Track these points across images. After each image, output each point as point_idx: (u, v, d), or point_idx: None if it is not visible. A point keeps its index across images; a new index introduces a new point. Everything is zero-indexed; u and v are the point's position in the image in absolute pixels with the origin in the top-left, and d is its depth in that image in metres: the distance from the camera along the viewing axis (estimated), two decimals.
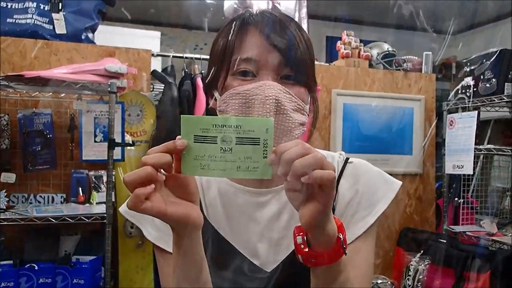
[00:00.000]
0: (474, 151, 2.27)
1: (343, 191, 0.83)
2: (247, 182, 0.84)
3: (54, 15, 2.20)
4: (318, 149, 0.90)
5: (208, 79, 0.82)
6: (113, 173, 2.04)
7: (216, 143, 0.60)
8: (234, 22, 0.80)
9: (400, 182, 0.85)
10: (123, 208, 0.84)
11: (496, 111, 2.45)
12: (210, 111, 0.84)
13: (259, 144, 0.60)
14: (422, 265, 2.20)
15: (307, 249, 0.65)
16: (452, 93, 2.46)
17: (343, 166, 0.86)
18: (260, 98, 0.73)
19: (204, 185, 0.86)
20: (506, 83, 2.18)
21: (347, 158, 0.87)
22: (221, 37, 0.81)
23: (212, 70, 0.81)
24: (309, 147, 0.59)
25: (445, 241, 2.25)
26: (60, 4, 2.20)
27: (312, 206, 0.60)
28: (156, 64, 2.62)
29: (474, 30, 4.15)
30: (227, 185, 0.85)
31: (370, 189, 0.83)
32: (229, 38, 0.78)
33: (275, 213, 0.82)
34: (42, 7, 2.19)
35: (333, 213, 0.81)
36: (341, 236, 0.65)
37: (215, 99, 0.81)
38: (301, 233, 0.66)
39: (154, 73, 2.40)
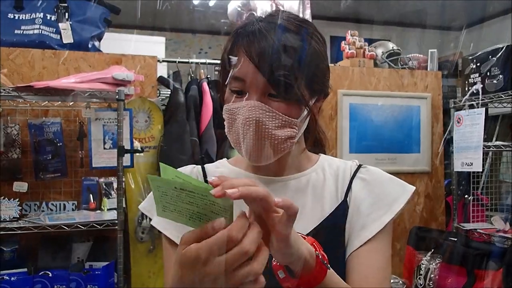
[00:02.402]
0: (483, 148, 2.26)
1: (356, 192, 0.86)
2: (261, 172, 0.87)
3: (61, 25, 2.22)
4: (329, 152, 0.92)
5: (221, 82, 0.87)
6: (123, 179, 2.05)
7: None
8: (233, 35, 0.82)
9: (414, 187, 0.87)
10: (142, 205, 0.91)
11: (504, 107, 2.44)
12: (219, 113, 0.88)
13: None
14: (433, 264, 2.20)
15: (291, 279, 0.64)
16: (464, 98, 2.44)
17: (356, 169, 0.89)
18: (242, 119, 0.78)
19: (218, 175, 0.88)
20: None
21: (361, 164, 0.91)
22: (225, 47, 0.84)
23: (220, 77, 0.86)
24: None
25: (455, 239, 2.24)
26: (67, 13, 2.23)
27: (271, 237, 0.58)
28: (162, 70, 2.65)
29: (476, 26, 4.14)
30: (243, 175, 0.88)
31: (385, 191, 0.85)
32: (228, 52, 0.82)
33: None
34: (48, 17, 2.22)
35: (347, 214, 0.84)
36: (319, 254, 0.65)
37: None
38: (280, 268, 0.65)
39: (160, 79, 2.42)
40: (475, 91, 2.34)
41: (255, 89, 0.78)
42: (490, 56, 2.30)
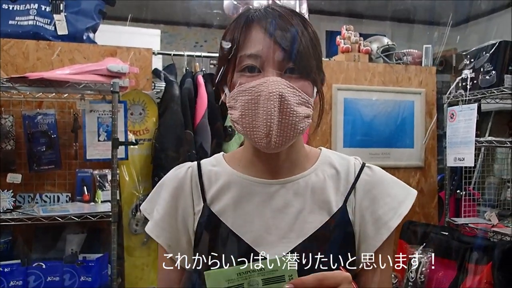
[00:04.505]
0: (475, 144, 2.28)
1: (361, 194, 0.85)
2: (257, 173, 0.86)
3: (56, 16, 2.21)
4: (323, 147, 0.93)
5: (218, 74, 0.85)
6: (117, 171, 2.06)
7: None
8: (239, 19, 0.83)
9: (416, 191, 0.87)
10: (143, 207, 0.93)
11: (497, 103, 2.46)
12: (221, 107, 0.88)
13: (285, 281, 0.63)
14: (425, 257, 2.22)
15: None
16: (452, 86, 2.47)
17: (360, 171, 0.87)
18: (265, 94, 0.75)
19: (212, 177, 0.88)
20: (505, 75, 2.18)
21: (364, 163, 0.89)
22: (227, 34, 0.84)
23: (222, 67, 0.84)
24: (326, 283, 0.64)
25: (447, 233, 2.27)
26: (61, 5, 2.22)
27: None
28: (157, 62, 2.64)
29: (470, 22, 4.15)
30: (238, 177, 0.87)
31: (390, 194, 0.85)
32: (234, 35, 0.81)
33: (283, 204, 0.84)
34: (43, 8, 2.21)
35: (350, 217, 0.83)
36: None
37: (226, 94, 0.84)
38: None
39: (155, 72, 2.42)
40: (468, 87, 2.36)
41: (272, 64, 0.77)
42: (483, 52, 2.31)
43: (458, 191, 2.58)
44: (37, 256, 2.01)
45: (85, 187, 2.17)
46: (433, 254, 2.24)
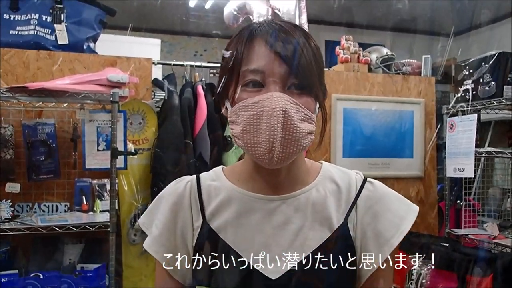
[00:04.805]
0: (475, 154, 2.28)
1: (362, 211, 0.84)
2: (257, 189, 0.85)
3: (56, 26, 2.22)
4: (323, 157, 0.93)
5: (219, 88, 0.84)
6: (116, 181, 2.05)
7: None
8: (242, 34, 0.82)
9: (418, 207, 0.86)
10: (141, 220, 0.91)
11: (496, 113, 2.47)
12: (220, 117, 0.87)
13: None
14: (425, 269, 2.21)
15: None
16: (452, 102, 2.47)
17: (361, 186, 0.86)
18: (268, 110, 0.74)
19: (212, 193, 0.87)
20: (505, 86, 2.19)
21: (365, 178, 0.88)
22: (230, 48, 0.83)
23: (223, 80, 0.83)
24: None
25: (447, 244, 2.25)
26: (62, 15, 2.23)
27: None
28: (157, 72, 2.65)
29: (471, 32, 4.17)
30: (237, 193, 0.85)
31: (391, 210, 0.84)
32: (237, 50, 0.80)
33: (283, 220, 0.82)
34: (44, 18, 2.22)
35: (351, 234, 0.82)
36: None
37: (226, 108, 0.83)
38: None
39: (155, 81, 2.42)
40: (464, 94, 2.36)
41: (275, 80, 0.76)
42: (482, 63, 2.32)
43: (458, 201, 2.57)
44: (34, 266, 1.99)
45: (84, 197, 2.17)
46: (433, 266, 2.23)
